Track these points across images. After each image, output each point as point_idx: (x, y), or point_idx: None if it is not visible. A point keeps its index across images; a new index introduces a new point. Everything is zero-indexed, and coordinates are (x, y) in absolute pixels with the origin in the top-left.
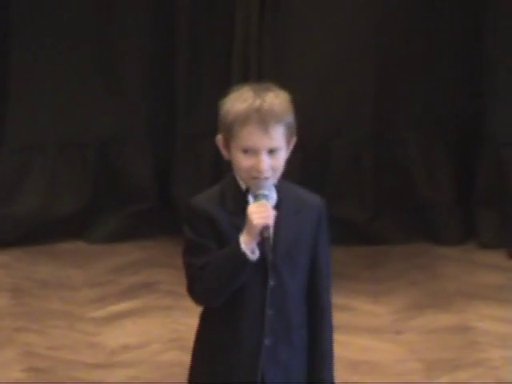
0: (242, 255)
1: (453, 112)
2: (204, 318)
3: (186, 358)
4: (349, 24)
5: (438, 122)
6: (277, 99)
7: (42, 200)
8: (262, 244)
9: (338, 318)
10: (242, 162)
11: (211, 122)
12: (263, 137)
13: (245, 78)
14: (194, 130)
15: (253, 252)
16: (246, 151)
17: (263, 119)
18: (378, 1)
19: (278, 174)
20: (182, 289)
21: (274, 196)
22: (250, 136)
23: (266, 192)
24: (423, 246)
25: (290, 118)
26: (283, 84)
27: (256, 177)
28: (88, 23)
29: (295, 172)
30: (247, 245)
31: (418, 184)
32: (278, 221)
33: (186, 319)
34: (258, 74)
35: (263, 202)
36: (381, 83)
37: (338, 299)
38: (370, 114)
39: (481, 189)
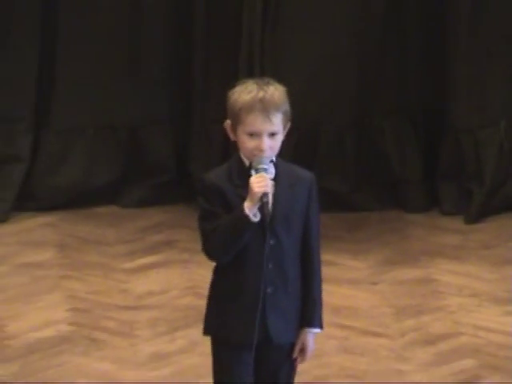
0: (246, 217)
1: (421, 102)
2: (216, 273)
3: (200, 303)
4: (334, 29)
5: (409, 111)
6: (276, 91)
7: (82, 173)
8: (261, 209)
9: (324, 271)
10: (247, 143)
11: (221, 110)
12: (265, 122)
13: (250, 74)
14: (207, 116)
15: (255, 215)
16: (250, 134)
17: (265, 108)
18: (357, 9)
19: (276, 152)
20: (197, 246)
21: (272, 170)
22: (255, 122)
23: (265, 166)
24: (395, 214)
25: (286, 106)
26: (280, 79)
27: (257, 155)
28: (119, 24)
29: (290, 151)
30: (250, 209)
31: (392, 162)
32: (276, 191)
33: (200, 271)
34: (260, 71)
35: (262, 173)
36: (361, 79)
37: (325, 256)
38: (352, 103)
39: (443, 167)
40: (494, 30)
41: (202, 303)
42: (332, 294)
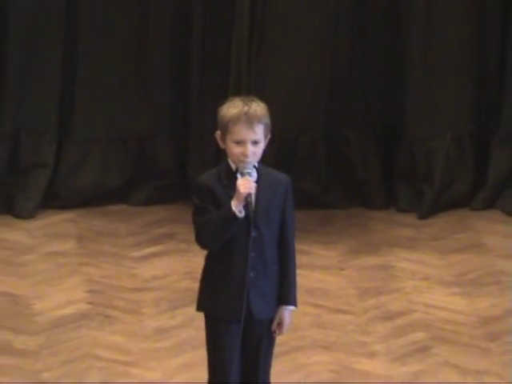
0: (233, 214)
1: (381, 117)
2: (207, 259)
3: (196, 285)
4: (309, 54)
5: (371, 124)
6: (258, 107)
7: (97, 176)
8: (246, 206)
9: (300, 259)
10: (234, 149)
11: (214, 123)
12: (249, 132)
13: (237, 92)
14: (202, 128)
15: (240, 212)
16: (237, 142)
17: (249, 120)
18: (327, 37)
19: (258, 158)
20: (193, 238)
21: (254, 174)
22: (240, 131)
23: (249, 170)
24: (359, 210)
25: (267, 120)
26: (263, 96)
27: (242, 160)
28: (128, 49)
29: (271, 158)
30: (236, 207)
31: (356, 167)
32: (258, 191)
33: (196, 259)
34: (246, 89)
35: (247, 177)
36: (331, 97)
37: (300, 246)
38: (323, 118)
39: (399, 171)
40: (442, 58)
41: (197, 286)
42: (306, 278)
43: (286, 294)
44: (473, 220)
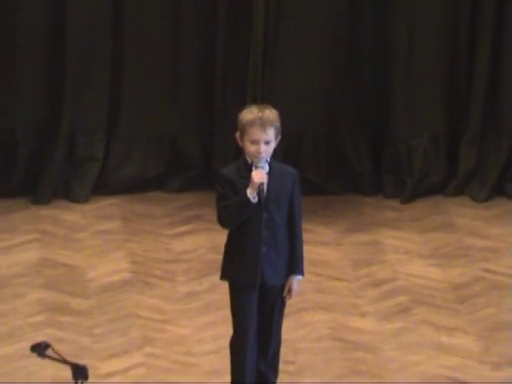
0: (248, 199)
1: (372, 119)
2: (228, 237)
3: (219, 258)
4: (312, 68)
5: (363, 125)
6: (271, 113)
7: (138, 168)
8: (259, 193)
9: (305, 236)
10: (249, 148)
11: (234, 125)
12: (262, 134)
13: (253, 100)
14: (224, 129)
15: (254, 198)
16: (252, 142)
17: (263, 124)
18: (327, 53)
19: (269, 155)
20: (216, 219)
21: (266, 167)
22: (255, 133)
23: (262, 164)
24: (353, 197)
25: (278, 124)
26: (275, 103)
27: (256, 156)
28: (164, 63)
29: (281, 154)
30: (251, 194)
31: (351, 161)
32: (269, 181)
33: (220, 236)
34: (261, 97)
35: (260, 169)
36: (330, 102)
37: (305, 226)
38: (323, 120)
39: (386, 164)
40: (421, 69)
41: (221, 258)
42: (310, 252)
43: (294, 265)
44: (445, 205)
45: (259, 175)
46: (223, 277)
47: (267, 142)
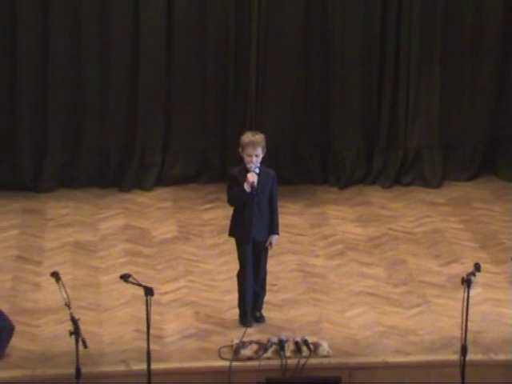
0: (244, 190)
1: (320, 134)
2: (233, 211)
3: (229, 223)
4: (293, 101)
5: (315, 138)
6: (259, 137)
7: (183, 170)
8: (252, 187)
9: (280, 209)
10: (246, 158)
11: (238, 144)
12: (253, 150)
13: (250, 128)
14: (233, 146)
15: (248, 189)
16: (248, 155)
17: (254, 145)
18: (301, 82)
19: (259, 162)
20: (226, 200)
21: (257, 170)
22: (249, 150)
23: (254, 169)
24: (310, 186)
25: (263, 143)
26: (263, 128)
27: (250, 164)
28: (191, 98)
29: (266, 161)
30: (246, 187)
31: (307, 163)
32: (258, 180)
33: (229, 210)
34: (255, 126)
35: (253, 172)
36: (295, 126)
37: (280, 203)
38: (291, 138)
39: (330, 165)
40: (350, 97)
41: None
42: (283, 219)
43: (273, 228)
44: (365, 190)
45: (252, 176)
46: (230, 235)
47: (257, 155)
